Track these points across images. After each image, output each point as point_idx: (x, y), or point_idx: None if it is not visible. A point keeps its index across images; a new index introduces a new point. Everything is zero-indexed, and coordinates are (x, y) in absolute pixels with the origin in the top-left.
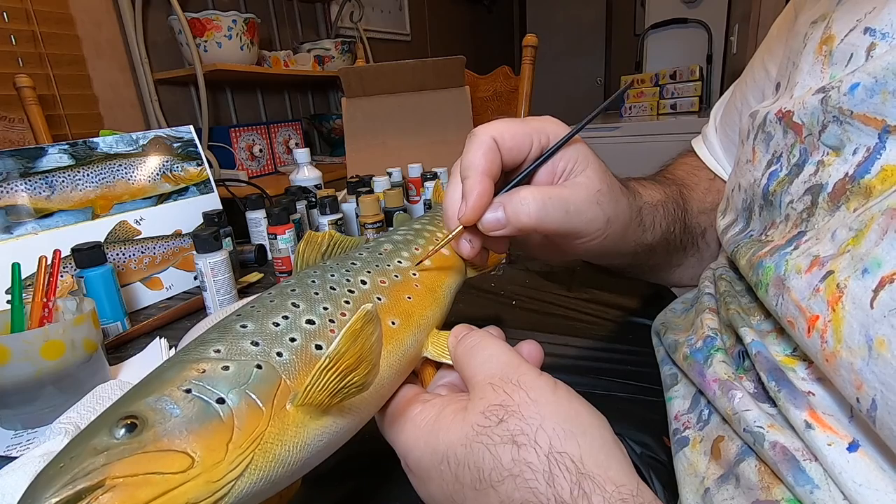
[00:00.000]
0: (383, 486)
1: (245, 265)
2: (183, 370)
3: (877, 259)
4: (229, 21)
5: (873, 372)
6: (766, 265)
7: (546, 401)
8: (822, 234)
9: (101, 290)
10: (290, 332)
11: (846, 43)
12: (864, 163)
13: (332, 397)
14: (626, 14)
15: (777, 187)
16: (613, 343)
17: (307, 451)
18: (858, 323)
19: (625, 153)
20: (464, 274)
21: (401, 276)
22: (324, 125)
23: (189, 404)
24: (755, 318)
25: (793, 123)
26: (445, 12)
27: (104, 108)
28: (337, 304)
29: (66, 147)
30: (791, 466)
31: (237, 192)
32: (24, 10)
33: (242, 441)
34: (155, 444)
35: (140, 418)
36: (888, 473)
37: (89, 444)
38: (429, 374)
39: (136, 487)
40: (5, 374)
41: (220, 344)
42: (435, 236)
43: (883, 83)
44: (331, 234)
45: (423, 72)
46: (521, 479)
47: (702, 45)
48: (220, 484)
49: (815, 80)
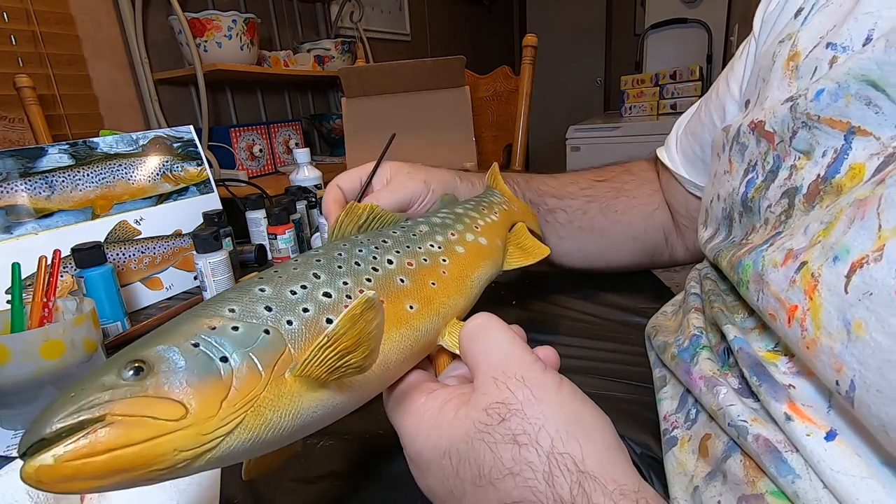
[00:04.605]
0: (385, 488)
1: (245, 265)
2: (196, 324)
3: (845, 246)
4: (229, 21)
5: (852, 354)
6: (744, 263)
7: (550, 400)
8: (796, 230)
9: (101, 290)
10: (304, 303)
11: (811, 57)
12: (834, 163)
13: (329, 374)
14: (626, 14)
15: (755, 194)
16: (613, 343)
17: (299, 420)
18: (835, 308)
19: (625, 153)
20: (499, 266)
21: (430, 260)
22: (324, 125)
23: (194, 358)
24: (738, 315)
25: (765, 132)
26: (445, 12)
27: (104, 108)
28: (358, 280)
29: (66, 147)
30: (773, 458)
31: (237, 192)
32: (24, 10)
33: (237, 401)
34: (156, 390)
35: (147, 363)
36: (863, 459)
37: (99, 380)
38: (443, 361)
39: (132, 427)
40: (5, 374)
41: (235, 304)
42: (476, 223)
43: (845, 87)
44: (372, 206)
45: (423, 72)
46: (521, 478)
47: (702, 45)
48: (209, 437)
49: (783, 92)
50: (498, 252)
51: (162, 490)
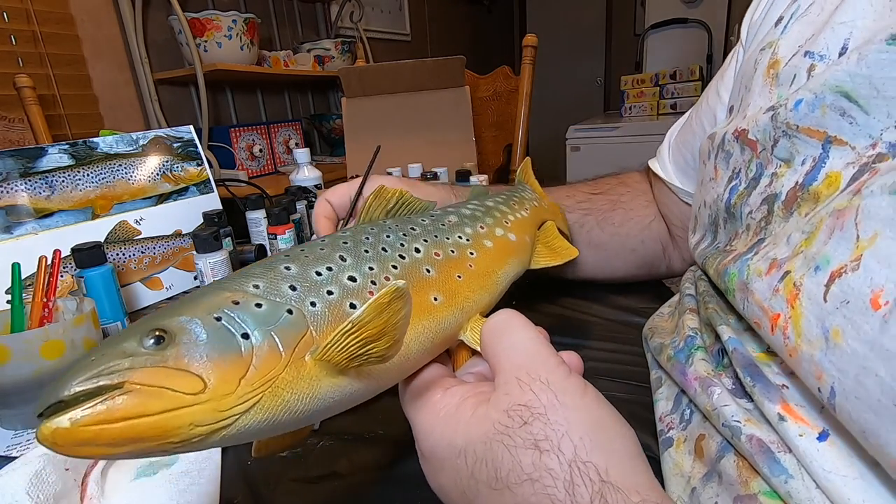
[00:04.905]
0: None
1: (245, 265)
2: (219, 296)
3: (826, 256)
4: (229, 21)
5: (830, 361)
6: (730, 272)
7: (575, 406)
8: (779, 238)
9: (101, 290)
10: (329, 285)
11: (790, 65)
12: (812, 171)
13: (349, 361)
14: (626, 14)
15: (738, 200)
16: (613, 343)
17: (316, 404)
18: (815, 317)
19: (625, 153)
20: (526, 265)
21: (457, 252)
22: (324, 125)
23: (215, 332)
24: (732, 316)
25: (748, 140)
26: (445, 12)
27: (104, 108)
28: (384, 266)
29: (66, 147)
30: (767, 458)
31: (237, 192)
32: (24, 10)
33: (255, 380)
34: (175, 362)
35: (169, 333)
36: (855, 461)
37: (120, 347)
38: (462, 357)
39: (149, 397)
40: (5, 374)
41: (260, 280)
42: (506, 217)
43: (822, 98)
44: (402, 192)
45: (423, 72)
46: (540, 485)
47: (702, 45)
48: (225, 414)
49: (764, 99)
50: (526, 249)
51: (162, 490)
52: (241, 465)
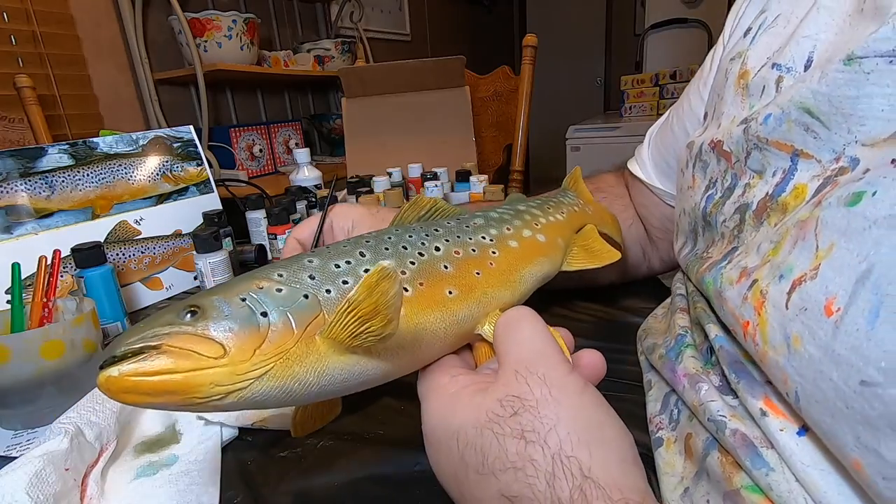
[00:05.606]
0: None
1: (245, 265)
2: (248, 282)
3: (790, 265)
4: (229, 21)
5: (793, 366)
6: (706, 280)
7: (569, 403)
8: (750, 248)
9: (101, 290)
10: (345, 276)
11: (759, 77)
12: (781, 183)
13: (352, 338)
14: (626, 14)
15: (713, 209)
16: (613, 343)
17: (324, 379)
18: (778, 324)
19: (625, 153)
20: (557, 266)
21: (478, 251)
22: (324, 125)
23: (239, 309)
24: None
25: (723, 152)
26: (445, 12)
27: (104, 108)
28: (401, 262)
29: (66, 147)
30: (749, 452)
31: (237, 192)
32: (24, 10)
33: (269, 351)
34: (203, 331)
35: (201, 309)
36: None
37: (163, 318)
38: (483, 353)
39: (180, 357)
40: (5, 374)
41: (284, 270)
42: (537, 220)
43: (787, 114)
44: (435, 201)
45: (422, 72)
46: (522, 474)
47: (702, 45)
48: (241, 378)
49: (736, 109)
50: (558, 251)
51: (162, 490)
52: (241, 465)
